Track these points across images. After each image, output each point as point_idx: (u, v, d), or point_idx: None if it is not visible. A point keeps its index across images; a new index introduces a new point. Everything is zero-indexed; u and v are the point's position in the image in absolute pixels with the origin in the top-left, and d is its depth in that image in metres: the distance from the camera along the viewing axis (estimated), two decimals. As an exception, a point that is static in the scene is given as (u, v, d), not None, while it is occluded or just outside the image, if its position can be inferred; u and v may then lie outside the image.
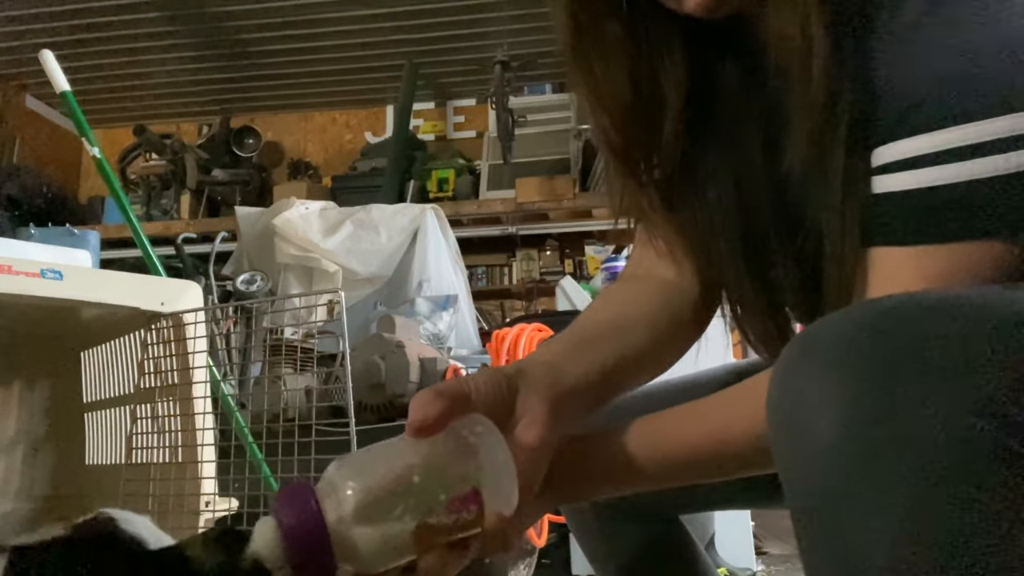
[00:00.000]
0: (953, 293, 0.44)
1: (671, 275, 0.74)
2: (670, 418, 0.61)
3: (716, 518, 1.88)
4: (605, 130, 0.67)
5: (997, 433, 0.37)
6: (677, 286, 0.73)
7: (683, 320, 0.73)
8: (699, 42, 0.64)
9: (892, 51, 0.51)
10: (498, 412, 0.53)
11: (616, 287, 0.79)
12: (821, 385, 0.41)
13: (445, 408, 0.50)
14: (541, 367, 0.59)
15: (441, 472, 0.49)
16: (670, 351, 0.73)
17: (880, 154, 0.52)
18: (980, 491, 0.37)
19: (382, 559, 0.48)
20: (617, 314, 0.71)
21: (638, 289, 0.74)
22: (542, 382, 0.57)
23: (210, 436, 1.37)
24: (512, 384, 0.56)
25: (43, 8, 3.81)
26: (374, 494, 0.47)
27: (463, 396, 0.52)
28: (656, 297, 0.73)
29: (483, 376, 0.55)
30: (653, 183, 0.69)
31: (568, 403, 0.58)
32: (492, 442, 0.50)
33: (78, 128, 1.63)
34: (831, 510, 0.41)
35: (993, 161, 0.47)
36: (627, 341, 0.67)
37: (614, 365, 0.65)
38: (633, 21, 0.63)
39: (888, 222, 0.52)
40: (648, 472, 0.61)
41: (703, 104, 0.66)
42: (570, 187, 3.88)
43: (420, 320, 2.46)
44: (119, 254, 3.84)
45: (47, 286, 1.18)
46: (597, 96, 0.66)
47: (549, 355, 0.62)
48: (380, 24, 3.99)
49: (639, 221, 0.75)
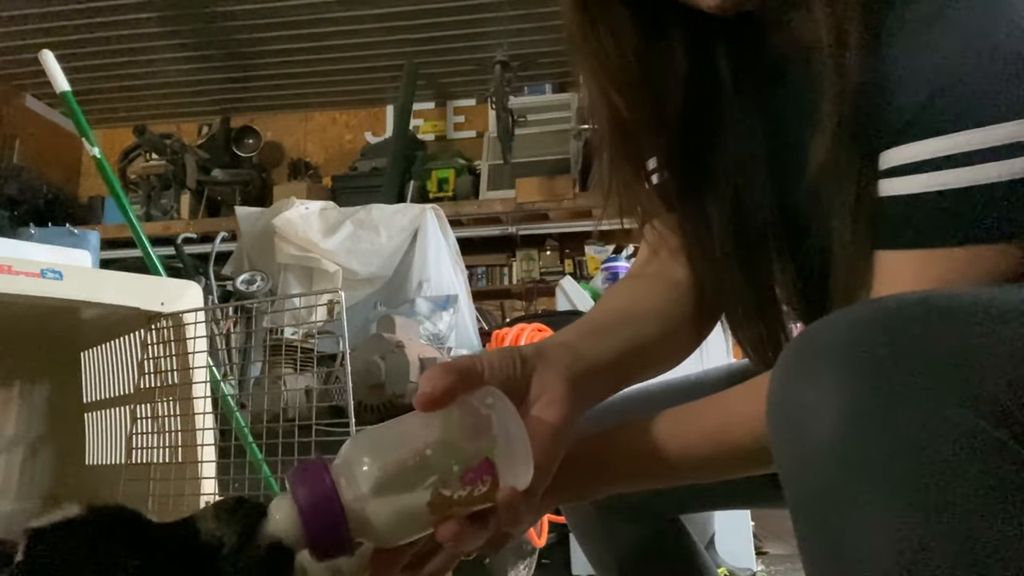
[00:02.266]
0: (951, 293, 0.44)
1: (681, 276, 0.74)
2: (671, 419, 0.61)
3: (716, 518, 1.88)
4: (611, 104, 0.66)
5: (994, 430, 0.37)
6: (687, 286, 0.74)
7: (692, 318, 0.73)
8: (703, 36, 0.64)
9: (899, 54, 0.51)
10: (511, 390, 0.52)
11: (625, 283, 0.79)
12: (820, 384, 0.41)
13: (454, 381, 0.49)
14: (559, 348, 0.58)
15: (454, 445, 0.48)
16: (679, 347, 0.73)
17: (887, 157, 0.52)
18: (978, 488, 0.37)
19: (398, 533, 0.48)
20: (629, 304, 0.71)
21: (648, 286, 0.74)
22: (561, 362, 0.56)
23: (210, 436, 1.37)
24: (528, 363, 0.55)
25: (43, 8, 3.81)
26: (388, 469, 0.47)
27: (475, 372, 0.51)
28: (666, 293, 0.73)
29: (496, 354, 0.54)
30: (651, 173, 0.69)
31: (587, 383, 0.57)
32: (505, 414, 0.49)
33: (78, 128, 1.63)
34: (831, 509, 0.41)
35: (996, 167, 0.47)
36: (639, 330, 0.67)
37: (628, 351, 0.64)
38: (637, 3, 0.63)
39: (892, 225, 0.52)
40: (649, 472, 0.61)
41: (705, 102, 0.66)
42: (570, 187, 3.89)
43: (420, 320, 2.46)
44: (119, 254, 3.84)
45: (47, 286, 1.18)
46: (604, 68, 0.65)
47: (566, 337, 0.61)
48: (380, 24, 3.99)
49: (643, 219, 0.75)
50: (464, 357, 0.52)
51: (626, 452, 0.60)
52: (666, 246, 0.74)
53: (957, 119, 0.48)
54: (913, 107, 0.50)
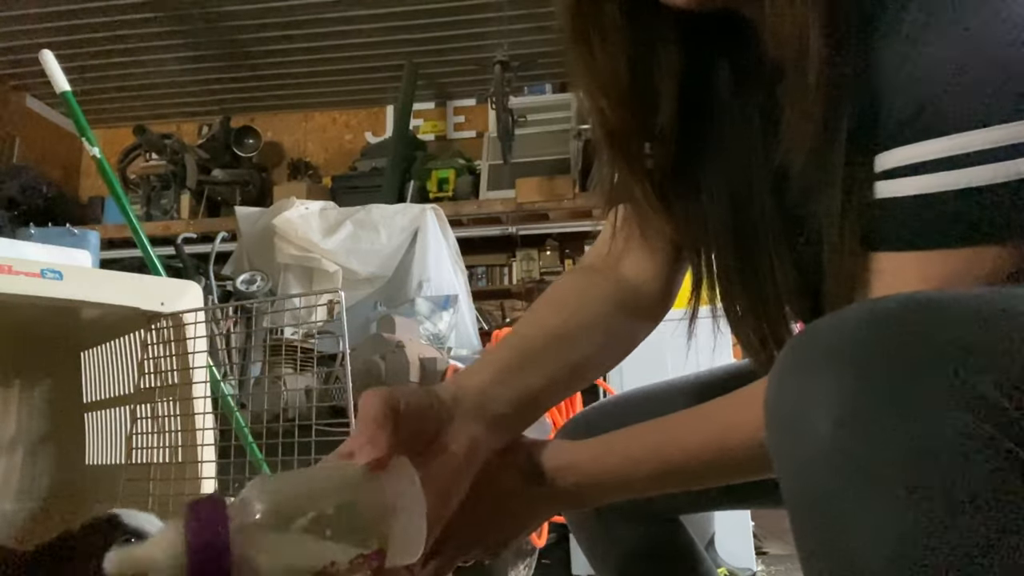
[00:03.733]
0: (949, 294, 0.44)
1: (634, 271, 0.74)
2: (671, 424, 0.61)
3: (716, 518, 1.88)
4: (602, 112, 0.67)
5: (993, 432, 0.37)
6: (632, 283, 0.74)
7: (638, 320, 0.74)
8: (695, 36, 0.64)
9: (895, 55, 0.51)
10: (421, 431, 0.56)
11: (572, 280, 0.77)
12: (818, 385, 0.41)
13: (393, 442, 0.51)
14: (477, 395, 0.61)
15: (354, 523, 0.48)
16: (619, 352, 0.74)
17: (883, 159, 0.52)
18: (975, 489, 0.37)
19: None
20: (567, 321, 0.70)
21: (597, 288, 0.74)
22: (476, 411, 0.60)
23: (210, 436, 1.37)
24: (445, 409, 0.58)
25: (43, 8, 3.81)
26: (283, 522, 0.46)
27: (397, 416, 0.53)
28: (613, 296, 0.73)
29: (415, 395, 0.57)
30: (647, 174, 0.69)
31: (507, 422, 0.62)
32: (414, 508, 0.50)
33: (78, 128, 1.63)
34: (828, 510, 0.41)
35: (993, 169, 0.47)
36: (573, 352, 0.68)
37: (560, 376, 0.67)
38: (629, 5, 0.63)
39: (890, 227, 0.52)
40: (650, 478, 0.61)
41: (699, 101, 0.66)
42: (570, 187, 3.88)
43: (420, 320, 2.46)
44: (119, 254, 3.84)
45: (47, 286, 1.18)
46: (595, 77, 0.65)
47: (485, 376, 0.63)
48: (380, 24, 3.99)
49: (610, 204, 0.75)
50: (385, 397, 0.54)
51: (627, 458, 0.60)
52: (631, 233, 0.74)
53: (955, 120, 0.48)
54: (910, 109, 0.50)
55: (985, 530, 0.37)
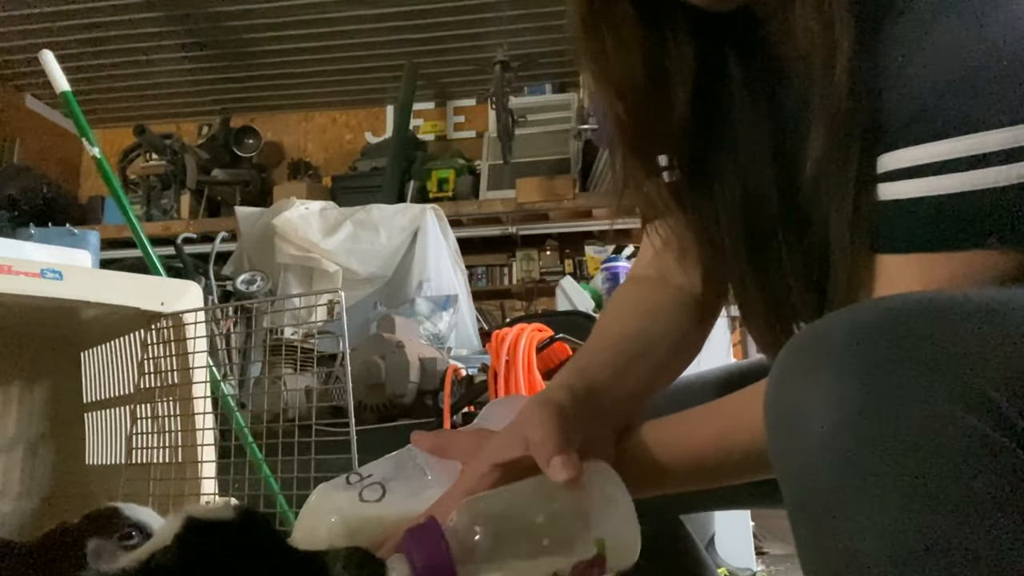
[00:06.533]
0: (951, 295, 0.44)
1: (683, 279, 0.75)
2: (672, 424, 0.61)
3: (716, 518, 1.88)
4: (616, 111, 0.67)
5: (993, 432, 0.37)
6: (689, 292, 0.74)
7: (697, 329, 0.74)
8: (707, 34, 0.64)
9: (898, 58, 0.51)
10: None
11: (634, 290, 0.79)
12: (816, 384, 0.41)
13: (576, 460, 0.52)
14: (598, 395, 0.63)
15: (569, 530, 0.49)
16: (684, 362, 0.75)
17: (885, 161, 0.52)
18: (976, 490, 0.37)
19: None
20: (644, 328, 0.72)
21: (659, 298, 0.75)
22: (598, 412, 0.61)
23: (210, 436, 1.37)
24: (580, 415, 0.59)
25: (43, 8, 3.81)
26: (502, 542, 0.47)
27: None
28: (676, 306, 0.74)
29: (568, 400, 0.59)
30: (660, 170, 0.69)
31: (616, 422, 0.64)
32: (622, 507, 0.50)
33: (78, 128, 1.62)
34: (827, 509, 0.41)
35: (996, 171, 0.47)
36: (655, 358, 0.70)
37: (647, 385, 0.69)
38: (641, 2, 0.63)
39: (892, 229, 0.52)
40: (651, 479, 0.61)
41: (712, 100, 0.66)
42: (570, 187, 3.88)
43: (420, 320, 2.46)
44: (119, 254, 3.84)
45: (47, 286, 1.18)
46: (608, 75, 0.66)
47: (603, 377, 0.65)
48: (380, 24, 3.99)
49: (646, 216, 0.75)
50: (534, 413, 0.56)
51: (629, 460, 0.61)
52: (671, 246, 0.74)
53: (957, 123, 0.48)
54: (912, 111, 0.50)
55: (986, 531, 0.37)
